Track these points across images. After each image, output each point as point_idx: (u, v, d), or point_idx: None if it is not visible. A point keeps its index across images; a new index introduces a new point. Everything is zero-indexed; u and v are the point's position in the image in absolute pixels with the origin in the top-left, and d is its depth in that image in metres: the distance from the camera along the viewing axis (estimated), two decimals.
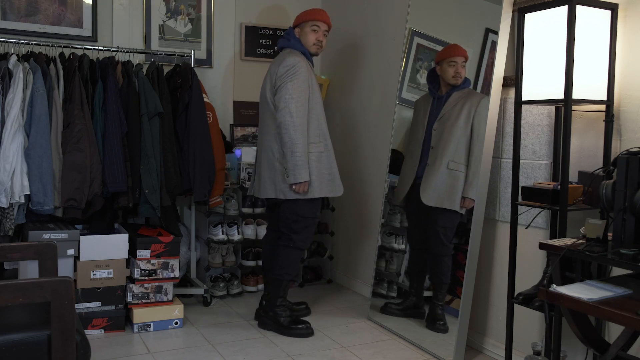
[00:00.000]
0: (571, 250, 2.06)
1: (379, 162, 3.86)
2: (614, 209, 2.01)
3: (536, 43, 2.47)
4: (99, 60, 3.44)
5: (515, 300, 2.61)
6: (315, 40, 3.31)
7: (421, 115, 3.30)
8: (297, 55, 3.24)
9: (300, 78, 3.16)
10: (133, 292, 3.34)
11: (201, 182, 3.53)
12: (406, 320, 3.37)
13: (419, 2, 3.44)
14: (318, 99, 3.27)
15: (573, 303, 1.89)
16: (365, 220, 4.09)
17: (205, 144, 3.55)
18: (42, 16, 3.69)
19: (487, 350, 3.08)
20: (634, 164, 1.95)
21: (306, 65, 3.24)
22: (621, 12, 2.43)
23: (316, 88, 3.27)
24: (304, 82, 3.18)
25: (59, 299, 1.68)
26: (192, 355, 3.01)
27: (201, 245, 4.01)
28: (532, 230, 2.71)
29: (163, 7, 4.04)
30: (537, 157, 2.78)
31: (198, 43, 4.15)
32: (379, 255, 3.62)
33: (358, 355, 3.06)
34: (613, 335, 2.41)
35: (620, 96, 2.45)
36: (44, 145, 3.11)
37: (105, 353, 3.00)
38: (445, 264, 3.13)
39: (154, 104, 3.40)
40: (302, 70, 3.18)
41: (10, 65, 3.15)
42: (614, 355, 2.10)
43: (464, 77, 3.12)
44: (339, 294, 4.13)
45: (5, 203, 3.04)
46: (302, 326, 3.30)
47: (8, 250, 2.18)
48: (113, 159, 3.26)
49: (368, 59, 4.03)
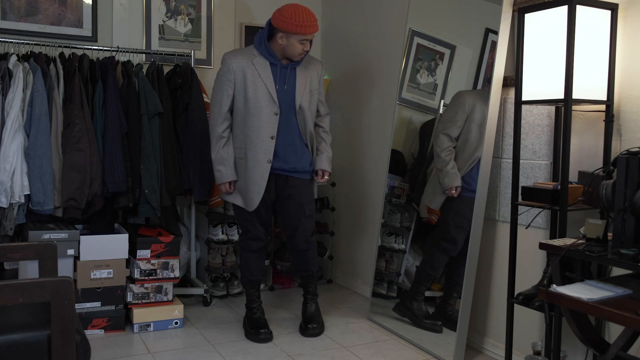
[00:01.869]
0: (571, 250, 2.06)
1: (379, 162, 3.86)
2: (614, 209, 2.01)
3: (536, 43, 2.47)
4: (99, 60, 3.44)
5: (515, 300, 2.61)
6: (301, 51, 3.06)
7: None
8: (240, 52, 3.17)
9: (222, 77, 3.10)
10: (133, 292, 3.34)
11: (201, 182, 3.53)
12: (406, 320, 3.37)
13: (419, 2, 3.44)
14: (253, 102, 3.05)
15: (573, 303, 1.89)
16: (365, 220, 4.09)
17: (205, 144, 3.54)
18: (42, 16, 3.69)
19: (487, 350, 3.08)
20: (634, 164, 1.95)
21: (241, 61, 3.07)
22: (621, 12, 2.43)
23: (258, 89, 3.05)
24: (224, 82, 3.08)
25: (59, 299, 1.68)
26: (192, 355, 3.01)
27: (201, 245, 4.01)
28: (532, 230, 2.71)
29: (163, 7, 4.04)
30: (537, 157, 2.78)
31: (198, 43, 4.15)
32: (379, 255, 3.62)
33: (358, 355, 3.06)
34: (613, 335, 2.41)
35: (620, 96, 2.45)
36: (44, 145, 3.11)
37: (105, 353, 3.00)
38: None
39: (154, 104, 3.40)
40: (227, 67, 3.07)
41: (10, 65, 3.15)
42: (614, 355, 2.10)
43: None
44: (339, 294, 4.13)
45: (5, 203, 3.04)
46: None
47: (8, 250, 2.18)
48: (113, 159, 3.26)
49: (368, 59, 4.03)
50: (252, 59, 3.09)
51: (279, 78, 3.10)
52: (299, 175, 3.20)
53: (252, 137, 3.07)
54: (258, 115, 3.06)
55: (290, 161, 3.15)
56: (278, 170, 3.14)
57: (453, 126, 3.10)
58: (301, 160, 3.18)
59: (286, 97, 3.11)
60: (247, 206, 3.15)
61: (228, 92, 3.09)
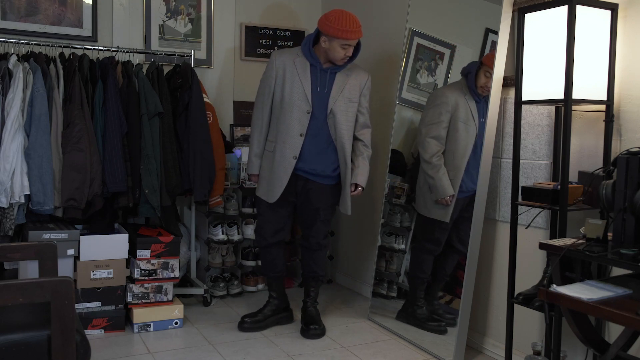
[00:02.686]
0: (571, 250, 2.06)
1: (379, 162, 3.86)
2: (614, 209, 2.01)
3: (536, 43, 2.47)
4: (99, 60, 3.44)
5: (515, 300, 2.61)
6: (343, 56, 3.10)
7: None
8: (287, 51, 3.29)
9: (266, 72, 3.25)
10: (133, 292, 3.34)
11: (201, 182, 3.53)
12: (406, 320, 3.37)
13: (419, 2, 3.44)
14: (288, 99, 3.15)
15: (573, 303, 1.89)
16: (365, 220, 4.09)
17: (205, 143, 3.55)
18: (42, 16, 3.69)
19: (487, 350, 3.08)
20: (634, 164, 1.95)
21: (284, 59, 3.19)
22: (621, 12, 2.43)
23: (294, 87, 3.15)
24: (268, 77, 3.23)
25: (59, 299, 1.68)
26: (192, 355, 3.01)
27: (201, 245, 4.01)
28: (532, 230, 2.71)
29: (163, 7, 4.04)
30: (537, 157, 2.78)
31: (198, 43, 4.15)
32: (379, 255, 3.62)
33: (358, 355, 3.06)
34: (613, 335, 2.41)
35: (620, 96, 2.45)
36: (44, 145, 3.11)
37: (105, 353, 3.00)
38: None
39: (154, 104, 3.40)
40: (271, 63, 3.23)
41: (10, 65, 3.15)
42: (614, 355, 2.10)
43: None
44: (339, 294, 4.13)
45: (5, 203, 3.04)
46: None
47: (8, 250, 2.18)
48: (113, 159, 3.26)
49: (368, 59, 4.02)
50: (294, 59, 3.19)
51: (318, 80, 3.17)
52: (319, 180, 3.23)
53: (283, 132, 3.16)
54: (290, 113, 3.15)
55: (312, 162, 3.18)
56: (299, 170, 3.20)
57: (439, 127, 3.06)
58: (323, 163, 3.20)
59: (320, 100, 3.16)
60: (268, 198, 3.23)
61: (270, 87, 3.22)
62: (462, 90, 2.99)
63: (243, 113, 4.31)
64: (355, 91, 3.21)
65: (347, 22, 3.04)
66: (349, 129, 3.21)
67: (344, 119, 3.18)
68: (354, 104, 3.21)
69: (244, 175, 3.94)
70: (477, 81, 2.95)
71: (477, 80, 2.96)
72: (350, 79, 3.20)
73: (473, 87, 2.96)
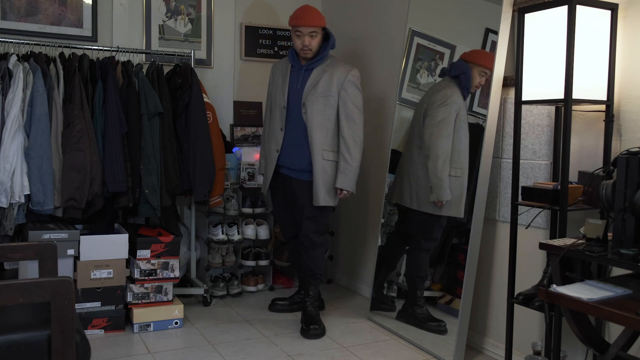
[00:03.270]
0: (571, 250, 2.06)
1: (379, 162, 3.86)
2: (614, 209, 2.01)
3: (536, 43, 2.47)
4: (99, 60, 3.44)
5: (515, 300, 2.61)
6: (301, 46, 3.24)
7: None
8: (284, 58, 3.49)
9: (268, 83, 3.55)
10: (133, 292, 3.34)
11: (201, 182, 3.53)
12: (406, 320, 3.37)
13: (419, 2, 3.44)
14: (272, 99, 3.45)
15: (573, 303, 1.89)
16: (365, 220, 4.09)
17: (205, 144, 3.55)
18: (42, 16, 3.69)
19: (487, 350, 3.08)
20: (634, 164, 1.95)
21: (277, 67, 3.46)
22: (621, 12, 2.43)
23: (277, 88, 3.41)
24: (269, 84, 3.55)
25: (59, 299, 1.68)
26: (192, 355, 3.01)
27: (201, 245, 4.01)
28: (532, 230, 2.71)
29: (163, 7, 4.04)
30: (537, 157, 2.78)
31: (198, 43, 4.15)
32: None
33: (358, 355, 3.06)
34: (613, 335, 2.41)
35: (620, 96, 2.45)
36: (44, 145, 3.11)
37: (105, 353, 3.00)
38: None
39: (154, 104, 3.40)
40: (271, 71, 3.54)
41: (10, 65, 3.15)
42: (614, 355, 2.10)
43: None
44: (339, 294, 4.12)
45: (5, 203, 3.04)
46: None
47: (8, 250, 2.18)
48: (113, 159, 3.26)
49: (368, 59, 4.03)
50: (283, 64, 3.44)
51: (295, 78, 3.36)
52: (298, 176, 3.35)
53: (270, 129, 3.44)
54: (274, 111, 3.41)
55: (291, 155, 3.36)
56: (282, 168, 3.39)
57: (449, 127, 3.06)
58: (299, 157, 3.33)
59: (296, 95, 3.34)
60: (263, 189, 3.56)
61: (269, 95, 3.52)
62: (460, 90, 3.01)
63: (243, 113, 4.32)
64: (331, 85, 3.26)
65: (299, 10, 3.27)
66: (323, 122, 3.27)
67: (318, 112, 3.25)
68: (329, 97, 3.25)
69: (244, 175, 3.95)
70: (472, 81, 2.98)
71: (472, 80, 2.99)
72: (326, 73, 3.28)
73: (468, 87, 2.99)
